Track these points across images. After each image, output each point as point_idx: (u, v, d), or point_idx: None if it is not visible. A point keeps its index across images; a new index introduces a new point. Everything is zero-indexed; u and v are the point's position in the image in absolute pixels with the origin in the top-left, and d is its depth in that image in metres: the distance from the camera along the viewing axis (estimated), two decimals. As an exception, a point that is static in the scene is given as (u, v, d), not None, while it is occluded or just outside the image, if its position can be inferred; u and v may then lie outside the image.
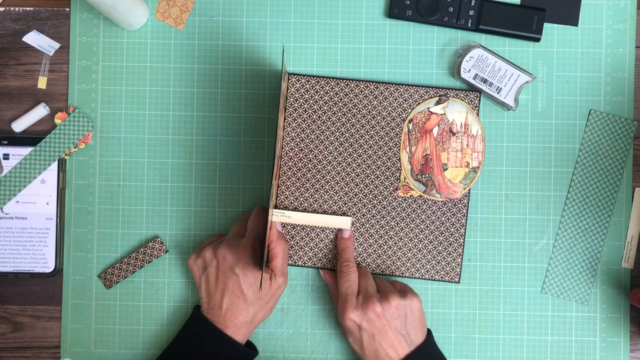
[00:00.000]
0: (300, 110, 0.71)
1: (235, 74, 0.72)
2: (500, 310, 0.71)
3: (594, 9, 0.71)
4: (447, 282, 0.71)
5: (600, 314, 0.71)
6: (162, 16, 0.72)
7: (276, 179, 0.66)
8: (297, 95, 0.71)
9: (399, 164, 0.71)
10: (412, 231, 0.71)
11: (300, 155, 0.71)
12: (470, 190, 0.71)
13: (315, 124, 0.71)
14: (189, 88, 0.72)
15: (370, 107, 0.71)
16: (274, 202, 0.67)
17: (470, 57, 0.69)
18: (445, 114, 0.70)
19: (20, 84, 0.72)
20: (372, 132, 0.71)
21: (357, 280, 0.67)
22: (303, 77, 0.71)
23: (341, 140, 0.71)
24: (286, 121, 0.71)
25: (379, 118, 0.71)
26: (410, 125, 0.71)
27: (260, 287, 0.61)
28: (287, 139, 0.71)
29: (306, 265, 0.71)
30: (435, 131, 0.70)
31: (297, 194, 0.71)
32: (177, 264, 0.72)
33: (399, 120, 0.71)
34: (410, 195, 0.71)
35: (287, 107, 0.71)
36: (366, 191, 0.71)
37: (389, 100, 0.71)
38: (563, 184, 0.71)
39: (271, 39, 0.72)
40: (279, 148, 0.65)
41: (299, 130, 0.71)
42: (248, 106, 0.72)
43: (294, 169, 0.71)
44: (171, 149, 0.72)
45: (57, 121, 0.71)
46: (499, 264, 0.71)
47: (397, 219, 0.71)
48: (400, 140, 0.71)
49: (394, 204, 0.71)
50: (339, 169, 0.71)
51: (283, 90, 0.65)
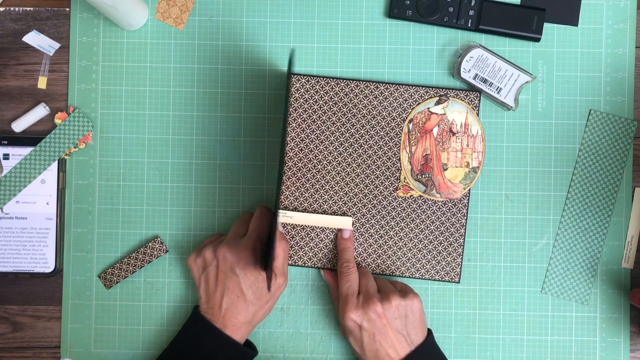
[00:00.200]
0: (300, 110, 0.71)
1: (235, 74, 0.72)
2: (500, 310, 0.71)
3: (594, 9, 0.71)
4: (447, 282, 0.71)
5: (600, 314, 0.71)
6: (162, 16, 0.72)
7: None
8: (297, 95, 0.71)
9: (399, 164, 0.71)
10: (412, 231, 0.71)
11: (300, 155, 0.71)
12: (470, 190, 0.71)
13: (315, 124, 0.71)
14: (189, 88, 0.72)
15: (370, 107, 0.71)
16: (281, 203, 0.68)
17: (470, 57, 0.69)
18: (445, 114, 0.70)
19: (20, 84, 0.72)
20: (372, 132, 0.71)
21: (358, 280, 0.67)
22: (303, 77, 0.71)
23: (341, 140, 0.71)
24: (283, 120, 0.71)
25: (379, 118, 0.71)
26: (410, 125, 0.71)
27: (269, 288, 0.60)
28: (287, 138, 0.71)
29: (306, 265, 0.71)
30: (435, 131, 0.70)
31: (297, 194, 0.71)
32: (177, 264, 0.72)
33: (399, 120, 0.71)
34: (410, 195, 0.71)
35: (287, 107, 0.71)
36: (366, 191, 0.71)
37: (389, 100, 0.71)
38: (563, 184, 0.71)
39: (271, 39, 0.72)
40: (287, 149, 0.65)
41: (298, 130, 0.71)
42: (248, 106, 0.72)
43: (294, 169, 0.71)
44: (171, 149, 0.72)
45: (57, 121, 0.71)
46: (499, 264, 0.71)
47: (397, 219, 0.71)
48: (400, 140, 0.71)
49: (394, 204, 0.71)
50: (339, 169, 0.71)
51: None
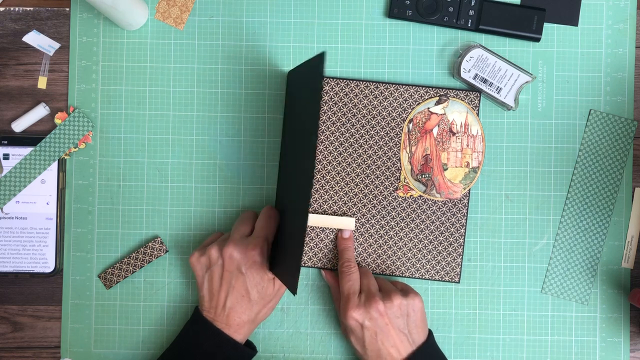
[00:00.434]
0: (300, 110, 0.71)
1: (235, 74, 0.72)
2: (500, 310, 0.71)
3: (594, 9, 0.71)
4: (447, 282, 0.71)
5: (600, 314, 0.71)
6: (162, 16, 0.72)
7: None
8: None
9: (399, 164, 0.71)
10: (412, 231, 0.71)
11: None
12: (470, 190, 0.71)
13: (315, 124, 0.71)
14: (189, 88, 0.72)
15: (370, 107, 0.71)
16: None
17: (470, 57, 0.69)
18: (445, 114, 0.70)
19: (20, 84, 0.72)
20: (372, 132, 0.71)
21: (359, 280, 0.67)
22: (303, 77, 0.71)
23: (341, 140, 0.71)
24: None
25: (379, 118, 0.71)
26: (410, 125, 0.71)
27: (294, 292, 0.59)
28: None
29: (306, 265, 0.71)
30: (435, 131, 0.70)
31: (297, 194, 0.71)
32: (177, 264, 0.72)
33: (399, 120, 0.71)
34: (410, 195, 0.71)
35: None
36: (366, 191, 0.71)
37: (389, 100, 0.71)
38: (563, 184, 0.71)
39: (271, 39, 0.72)
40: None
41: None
42: (248, 106, 0.72)
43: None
44: (171, 149, 0.72)
45: (57, 121, 0.71)
46: (499, 264, 0.71)
47: (397, 219, 0.71)
48: (400, 140, 0.71)
49: (394, 204, 0.71)
50: (339, 169, 0.71)
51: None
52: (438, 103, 0.70)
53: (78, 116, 0.71)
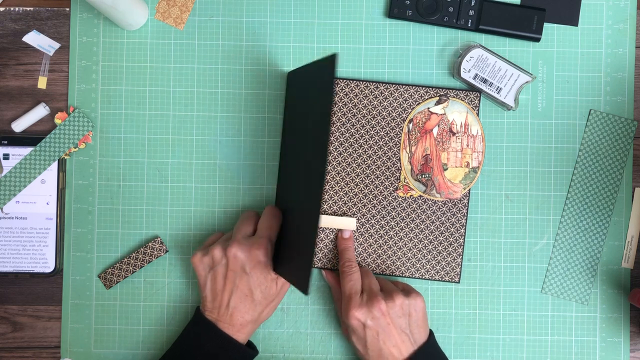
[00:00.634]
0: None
1: (235, 74, 0.72)
2: (500, 310, 0.71)
3: (594, 9, 0.71)
4: (447, 282, 0.71)
5: (600, 314, 0.71)
6: (162, 16, 0.72)
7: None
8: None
9: (399, 164, 0.71)
10: (412, 231, 0.71)
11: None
12: (470, 190, 0.71)
13: (315, 124, 0.71)
14: (189, 88, 0.72)
15: (370, 107, 0.71)
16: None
17: (470, 57, 0.69)
18: (445, 114, 0.70)
19: (20, 84, 0.72)
20: (372, 132, 0.71)
21: (360, 279, 0.67)
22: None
23: (341, 140, 0.71)
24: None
25: (379, 118, 0.71)
26: (410, 125, 0.71)
27: (307, 293, 0.59)
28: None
29: (306, 265, 0.71)
30: (435, 131, 0.70)
31: (297, 194, 0.71)
32: (177, 264, 0.72)
33: (399, 120, 0.71)
34: (410, 195, 0.71)
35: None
36: (366, 191, 0.71)
37: (389, 100, 0.71)
38: (563, 184, 0.71)
39: (271, 39, 0.72)
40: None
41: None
42: (248, 106, 0.72)
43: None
44: (171, 149, 0.72)
45: (57, 121, 0.71)
46: (499, 264, 0.71)
47: (397, 219, 0.71)
48: (400, 140, 0.71)
49: (394, 204, 0.71)
50: (339, 169, 0.71)
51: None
52: (438, 103, 0.70)
53: (78, 116, 0.71)
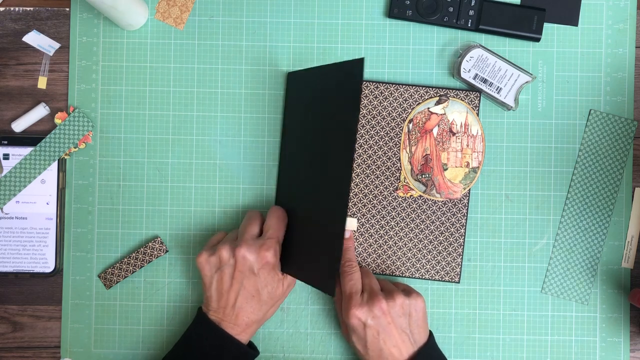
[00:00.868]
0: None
1: (235, 74, 0.72)
2: (500, 310, 0.71)
3: (594, 9, 0.71)
4: (447, 282, 0.71)
5: (600, 314, 0.71)
6: (162, 16, 0.72)
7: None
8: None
9: (399, 164, 0.71)
10: (412, 231, 0.71)
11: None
12: (470, 190, 0.71)
13: (315, 124, 0.71)
14: (188, 88, 0.72)
15: (370, 107, 0.71)
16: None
17: (470, 57, 0.69)
18: (445, 114, 0.70)
19: (20, 84, 0.72)
20: (372, 132, 0.71)
21: (361, 279, 0.67)
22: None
23: (341, 140, 0.71)
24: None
25: (379, 118, 0.71)
26: (410, 125, 0.71)
27: (333, 294, 0.59)
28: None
29: (306, 265, 0.71)
30: (435, 131, 0.70)
31: (297, 194, 0.71)
32: (177, 264, 0.72)
33: (399, 120, 0.71)
34: (410, 195, 0.71)
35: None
36: (366, 191, 0.71)
37: (389, 100, 0.71)
38: (563, 184, 0.71)
39: (271, 39, 0.72)
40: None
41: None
42: (248, 106, 0.72)
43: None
44: (171, 149, 0.72)
45: (57, 121, 0.71)
46: (499, 264, 0.71)
47: (397, 219, 0.71)
48: (400, 140, 0.71)
49: (394, 204, 0.71)
50: (339, 169, 0.71)
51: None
52: (438, 103, 0.70)
53: (78, 116, 0.71)
